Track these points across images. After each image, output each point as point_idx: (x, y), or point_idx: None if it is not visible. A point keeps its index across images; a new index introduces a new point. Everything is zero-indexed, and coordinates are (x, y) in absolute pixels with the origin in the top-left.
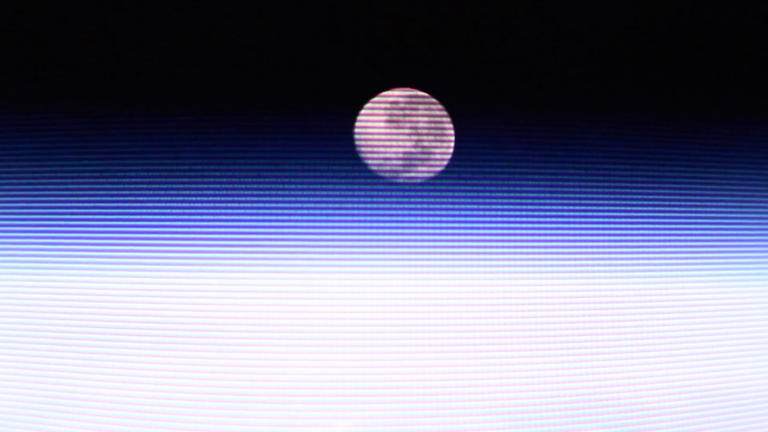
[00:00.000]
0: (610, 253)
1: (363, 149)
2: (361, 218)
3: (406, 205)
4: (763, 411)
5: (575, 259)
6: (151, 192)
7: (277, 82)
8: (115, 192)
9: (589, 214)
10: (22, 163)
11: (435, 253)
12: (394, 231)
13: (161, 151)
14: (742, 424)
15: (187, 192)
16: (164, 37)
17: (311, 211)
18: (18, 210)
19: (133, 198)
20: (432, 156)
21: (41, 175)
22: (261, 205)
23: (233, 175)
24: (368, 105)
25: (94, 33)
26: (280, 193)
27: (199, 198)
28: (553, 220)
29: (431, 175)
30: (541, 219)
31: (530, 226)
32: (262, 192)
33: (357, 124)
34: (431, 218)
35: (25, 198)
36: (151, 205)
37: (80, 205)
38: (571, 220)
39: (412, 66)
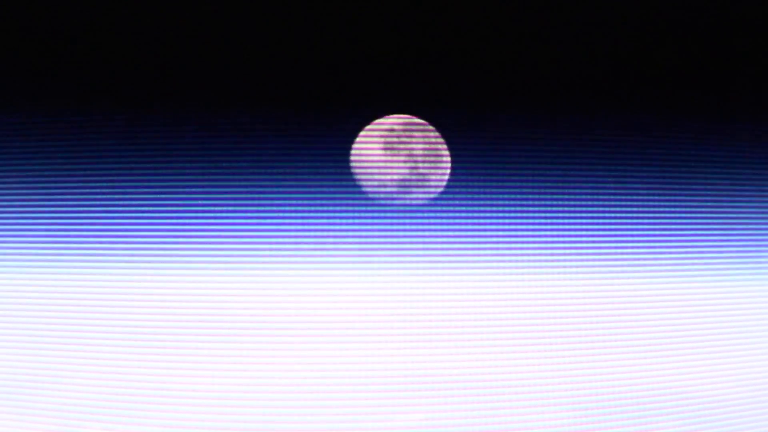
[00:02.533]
0: (616, 254)
1: (360, 174)
2: (396, 220)
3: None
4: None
5: (578, 261)
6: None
7: (275, 107)
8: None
9: (594, 218)
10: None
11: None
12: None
13: (163, 150)
14: (742, 424)
15: (218, 196)
16: (175, 41)
17: (348, 215)
18: (83, 207)
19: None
20: (428, 179)
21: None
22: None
23: (241, 191)
24: (364, 131)
25: (93, 32)
26: (290, 203)
27: (221, 204)
28: (554, 224)
29: (430, 196)
30: (542, 223)
31: (531, 230)
32: (270, 203)
33: (353, 150)
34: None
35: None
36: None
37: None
38: (571, 225)
39: (409, 93)
